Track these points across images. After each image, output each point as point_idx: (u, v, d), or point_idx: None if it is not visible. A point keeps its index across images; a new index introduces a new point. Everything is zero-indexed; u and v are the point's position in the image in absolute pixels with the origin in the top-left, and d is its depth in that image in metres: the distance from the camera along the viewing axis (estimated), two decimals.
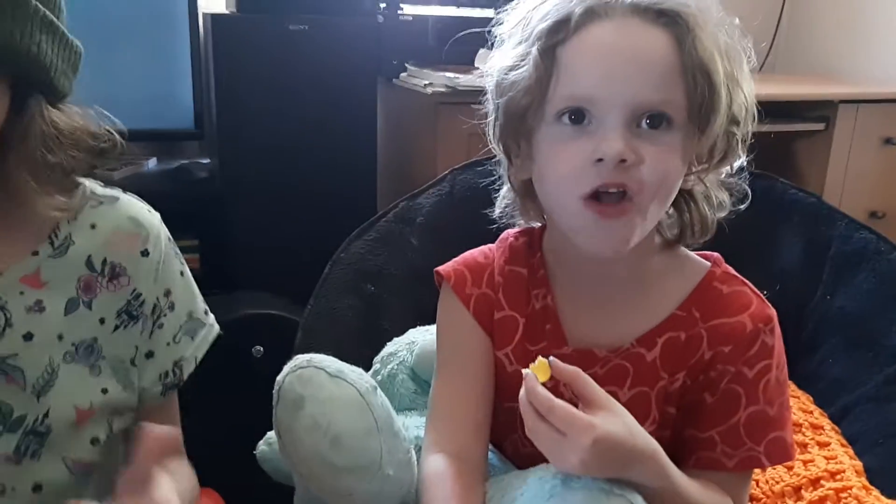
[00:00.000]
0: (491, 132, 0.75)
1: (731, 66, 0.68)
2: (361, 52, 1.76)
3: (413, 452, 0.75)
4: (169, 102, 1.82)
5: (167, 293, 0.73)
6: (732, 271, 0.77)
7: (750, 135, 0.72)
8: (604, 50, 0.65)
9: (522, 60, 0.68)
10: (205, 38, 1.79)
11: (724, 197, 0.75)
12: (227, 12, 1.79)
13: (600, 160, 0.64)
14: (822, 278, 1.08)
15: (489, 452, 0.78)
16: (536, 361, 0.63)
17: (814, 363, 1.07)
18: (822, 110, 2.07)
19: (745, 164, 0.75)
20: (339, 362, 0.71)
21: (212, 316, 0.79)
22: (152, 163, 1.94)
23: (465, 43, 1.87)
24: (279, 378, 0.70)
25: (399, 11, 1.86)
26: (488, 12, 2.05)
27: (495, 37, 0.74)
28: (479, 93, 0.78)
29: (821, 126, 2.08)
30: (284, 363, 0.94)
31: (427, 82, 1.70)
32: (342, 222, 1.32)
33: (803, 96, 2.11)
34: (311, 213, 1.74)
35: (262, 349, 1.47)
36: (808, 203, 1.13)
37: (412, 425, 0.83)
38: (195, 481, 0.76)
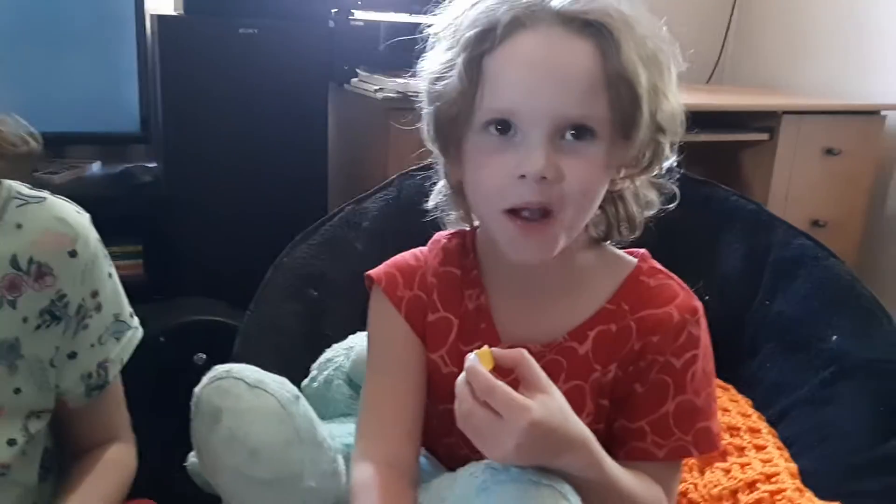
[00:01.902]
0: (425, 132, 0.75)
1: (657, 75, 0.68)
2: (312, 57, 1.75)
3: (341, 462, 0.74)
4: (114, 105, 1.78)
5: (94, 294, 0.72)
6: (659, 266, 0.78)
7: (679, 139, 0.73)
8: (527, 64, 0.65)
9: (450, 70, 0.68)
10: (152, 40, 1.76)
11: (653, 196, 0.76)
12: (174, 13, 1.76)
13: (523, 176, 0.65)
14: (762, 283, 1.10)
15: (421, 458, 0.77)
16: (479, 350, 0.63)
17: (753, 367, 1.08)
18: (767, 121, 2.12)
19: (675, 164, 0.76)
20: (261, 372, 0.69)
21: (136, 319, 0.78)
22: (96, 166, 1.89)
23: (417, 48, 1.87)
24: (196, 390, 0.68)
25: (350, 17, 1.85)
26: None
27: (429, 36, 0.73)
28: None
29: (765, 136, 2.13)
30: None
31: (378, 87, 1.69)
32: (292, 228, 1.29)
33: (748, 107, 2.17)
34: (259, 218, 1.71)
35: (204, 356, 1.44)
36: (749, 210, 1.15)
37: (345, 432, 0.81)
38: (131, 468, 0.76)
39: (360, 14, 1.87)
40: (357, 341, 0.97)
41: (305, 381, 0.95)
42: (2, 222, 0.67)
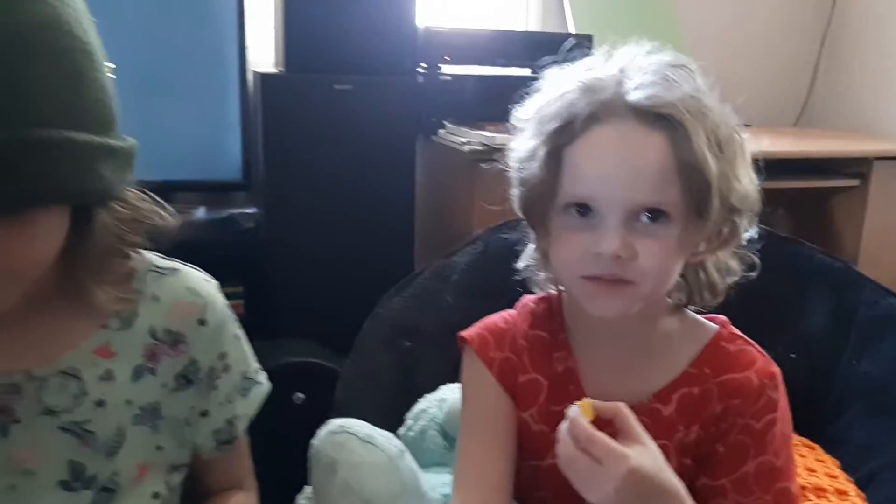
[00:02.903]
0: (515, 205, 0.81)
1: (728, 160, 0.71)
2: (402, 111, 1.83)
3: None
4: (219, 155, 1.90)
5: (222, 356, 0.77)
6: (738, 332, 0.81)
7: (757, 214, 0.76)
8: (603, 155, 0.71)
9: (533, 157, 0.74)
10: (254, 95, 1.89)
11: (734, 264, 0.80)
12: (275, 71, 1.89)
13: (599, 254, 0.70)
14: (849, 343, 1.10)
15: None
16: (581, 401, 0.68)
17: (840, 428, 1.08)
18: (858, 166, 2.08)
19: (756, 235, 0.79)
20: (370, 427, 0.76)
21: (263, 374, 0.83)
22: (201, 212, 2.03)
23: (502, 100, 1.93)
24: (314, 441, 0.75)
25: (438, 71, 1.94)
26: (525, 71, 2.14)
27: (530, 95, 0.79)
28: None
29: (856, 182, 2.09)
30: (323, 410, 0.99)
31: (464, 140, 1.76)
32: (380, 274, 1.37)
33: (838, 153, 2.13)
34: (350, 263, 1.80)
35: (302, 396, 1.52)
36: (836, 268, 1.16)
37: (441, 483, 0.87)
38: None
39: (447, 68, 1.96)
40: (448, 393, 1.02)
41: (402, 430, 1.01)
42: (142, 295, 0.73)
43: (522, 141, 0.77)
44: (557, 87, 0.75)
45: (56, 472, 0.69)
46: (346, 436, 0.73)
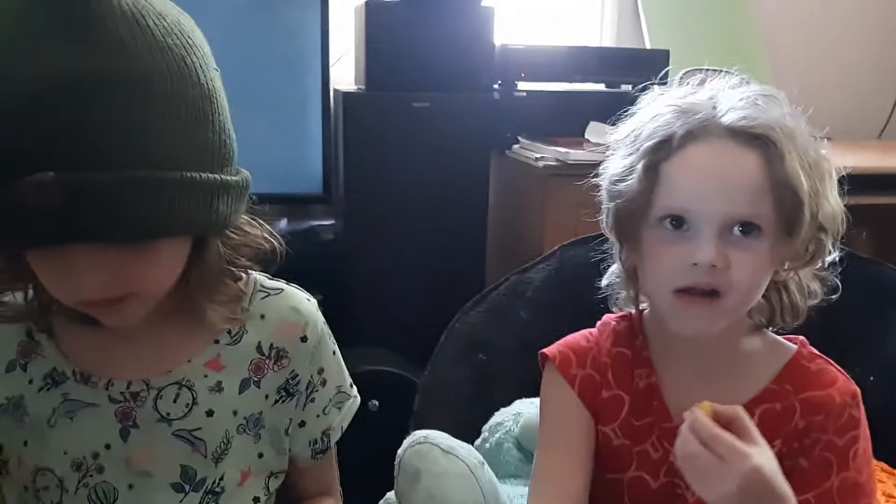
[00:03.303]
0: (604, 223, 0.85)
1: (817, 180, 0.75)
2: (477, 127, 1.88)
3: None
4: (301, 169, 1.98)
5: (320, 371, 0.82)
6: (817, 352, 0.83)
7: (841, 236, 0.79)
8: (700, 170, 0.74)
9: (630, 173, 0.77)
10: (335, 112, 1.96)
11: (816, 286, 0.82)
12: (356, 89, 1.96)
13: (695, 264, 0.73)
14: None
15: None
16: (701, 403, 0.70)
17: None
18: None
19: (838, 258, 0.81)
20: (451, 438, 0.80)
21: (355, 388, 0.88)
22: (283, 223, 2.11)
23: (577, 116, 1.96)
24: (399, 451, 0.79)
25: (514, 88, 1.97)
26: (600, 87, 2.15)
27: (624, 117, 0.83)
28: (588, 166, 0.87)
29: None
30: (397, 418, 1.03)
31: (538, 156, 1.79)
32: (453, 286, 1.40)
33: None
34: (424, 275, 1.85)
35: (377, 403, 1.57)
36: None
37: (517, 494, 0.90)
38: None
39: (523, 85, 1.99)
40: (523, 408, 1.05)
41: (478, 442, 1.04)
42: (250, 314, 0.78)
43: (617, 159, 0.81)
44: (652, 110, 0.79)
45: (169, 475, 0.75)
46: (429, 446, 0.78)
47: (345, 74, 2.06)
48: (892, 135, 2.73)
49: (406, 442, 0.79)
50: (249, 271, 0.78)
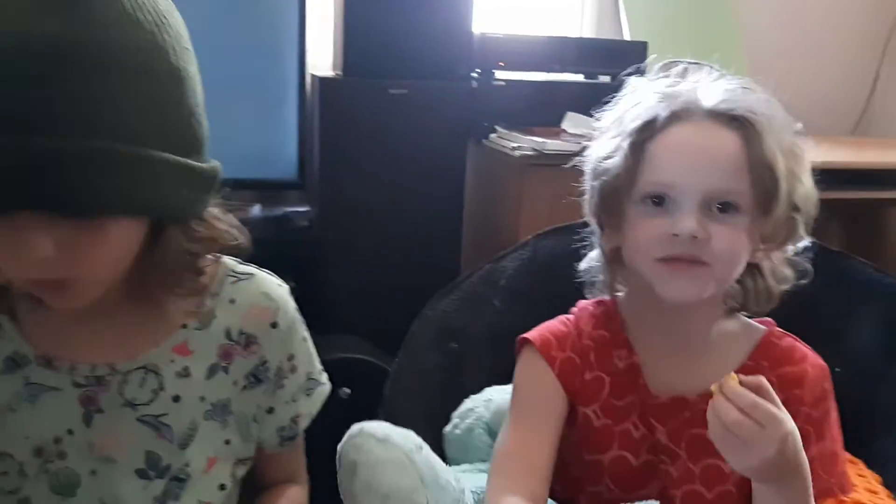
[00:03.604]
0: (587, 207, 0.88)
1: (793, 162, 0.80)
2: (455, 115, 1.88)
3: (470, 499, 0.82)
4: (275, 155, 1.96)
5: (290, 357, 0.81)
6: (784, 331, 0.88)
7: (812, 220, 0.83)
8: (683, 147, 0.79)
9: (615, 151, 0.81)
10: (311, 98, 1.94)
11: (788, 272, 0.86)
12: (333, 75, 1.94)
13: (676, 235, 0.76)
14: None
15: None
16: (728, 375, 0.71)
17: (885, 444, 1.07)
18: None
19: (809, 244, 0.87)
20: (388, 426, 0.80)
21: (325, 375, 0.87)
22: (257, 209, 2.09)
23: (555, 106, 1.96)
24: (339, 446, 0.79)
25: (493, 77, 1.96)
26: (579, 77, 2.15)
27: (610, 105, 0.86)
28: (565, 156, 0.90)
29: None
30: (369, 406, 1.03)
31: (515, 145, 1.79)
32: (428, 275, 1.40)
33: (893, 164, 2.10)
34: (398, 263, 1.85)
35: (349, 391, 1.57)
36: (886, 283, 1.15)
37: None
38: None
39: (501, 74, 1.98)
40: (495, 394, 1.05)
41: (448, 428, 1.04)
42: (220, 298, 0.77)
43: (602, 142, 0.84)
44: (636, 97, 0.83)
45: (134, 461, 0.74)
46: (363, 437, 0.78)
47: (322, 60, 2.04)
48: (864, 131, 2.76)
49: (345, 436, 0.80)
50: (220, 256, 0.77)
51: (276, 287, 0.82)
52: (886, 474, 1.06)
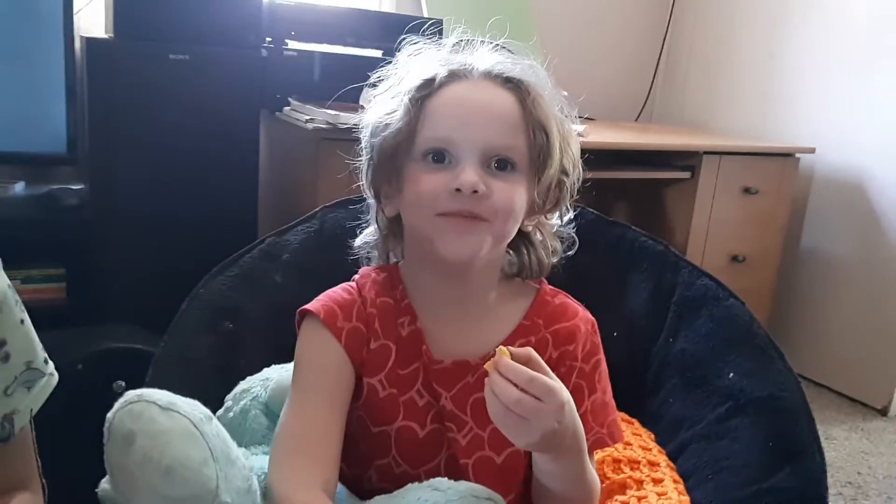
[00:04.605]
0: (363, 176, 0.86)
1: (564, 127, 0.84)
2: (245, 85, 1.77)
3: (255, 480, 0.75)
4: (41, 125, 1.76)
5: (2, 343, 0.69)
6: (555, 289, 0.91)
7: (577, 188, 0.87)
8: (462, 102, 0.80)
9: (395, 109, 0.81)
10: (81, 62, 1.74)
11: (557, 244, 0.90)
12: (104, 37, 1.75)
13: (458, 190, 0.76)
14: (666, 322, 1.15)
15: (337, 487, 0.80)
16: (500, 348, 0.70)
17: (657, 403, 1.13)
18: (690, 160, 2.21)
19: (573, 216, 0.92)
20: (172, 395, 0.70)
21: (52, 364, 0.75)
22: (20, 187, 1.86)
23: (351, 80, 1.89)
24: (109, 415, 0.68)
25: (284, 47, 1.87)
26: (375, 52, 2.09)
27: (375, 85, 0.86)
28: (360, 130, 0.87)
29: (687, 175, 2.22)
30: None
31: (308, 118, 1.71)
32: (220, 255, 1.28)
33: (671, 146, 2.26)
34: (185, 245, 1.71)
35: (123, 384, 1.41)
36: (657, 250, 1.20)
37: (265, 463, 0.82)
38: None
39: (293, 44, 1.89)
40: (272, 373, 0.98)
41: (220, 412, 0.95)
42: None
43: (381, 101, 0.83)
44: (414, 61, 0.84)
45: None
46: (143, 404, 0.68)
47: (96, 22, 1.84)
48: (647, 118, 2.97)
49: (117, 404, 0.68)
50: None
51: None
52: (658, 432, 1.11)
